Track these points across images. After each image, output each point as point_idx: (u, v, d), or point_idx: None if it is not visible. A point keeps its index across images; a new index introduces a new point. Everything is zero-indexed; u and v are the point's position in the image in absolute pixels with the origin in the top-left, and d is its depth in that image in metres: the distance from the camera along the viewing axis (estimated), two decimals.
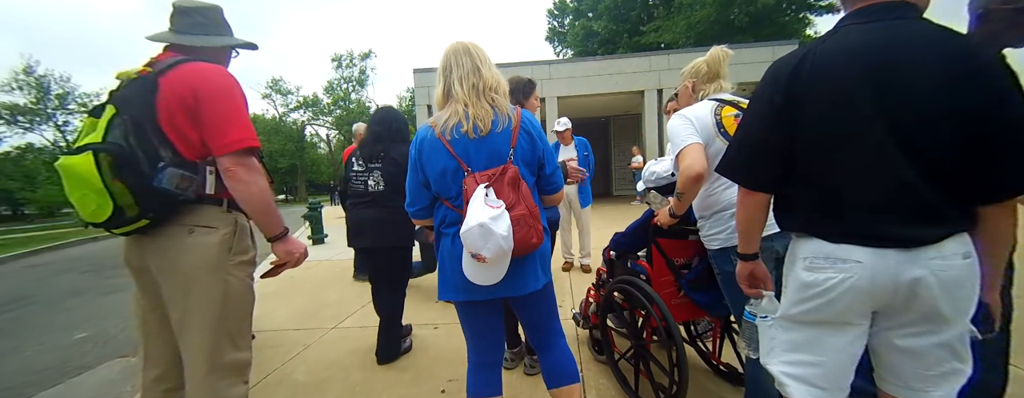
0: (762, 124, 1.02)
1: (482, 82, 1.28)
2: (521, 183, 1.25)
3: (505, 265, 1.21)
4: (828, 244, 0.95)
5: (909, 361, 0.95)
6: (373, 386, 2.23)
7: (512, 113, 1.31)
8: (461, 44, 1.33)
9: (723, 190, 1.50)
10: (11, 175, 22.88)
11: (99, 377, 2.66)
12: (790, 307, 1.04)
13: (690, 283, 1.82)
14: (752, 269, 1.18)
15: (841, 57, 0.92)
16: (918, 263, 0.87)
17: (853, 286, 0.91)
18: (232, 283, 1.29)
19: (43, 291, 5.47)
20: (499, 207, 1.16)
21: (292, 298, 3.93)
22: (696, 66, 1.65)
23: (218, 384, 1.28)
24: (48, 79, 24.27)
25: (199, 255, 1.24)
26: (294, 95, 35.66)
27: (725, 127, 1.48)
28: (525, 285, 1.32)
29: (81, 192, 1.13)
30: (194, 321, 1.25)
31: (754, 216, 1.09)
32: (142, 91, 1.19)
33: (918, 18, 0.93)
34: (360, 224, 2.36)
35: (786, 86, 0.96)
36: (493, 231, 1.11)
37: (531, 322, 1.49)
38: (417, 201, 1.39)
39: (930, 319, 0.90)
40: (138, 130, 1.16)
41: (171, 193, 1.18)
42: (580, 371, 2.22)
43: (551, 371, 1.48)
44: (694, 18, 18.52)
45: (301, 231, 8.43)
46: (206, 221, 1.27)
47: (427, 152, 1.29)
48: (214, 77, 1.24)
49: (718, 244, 1.52)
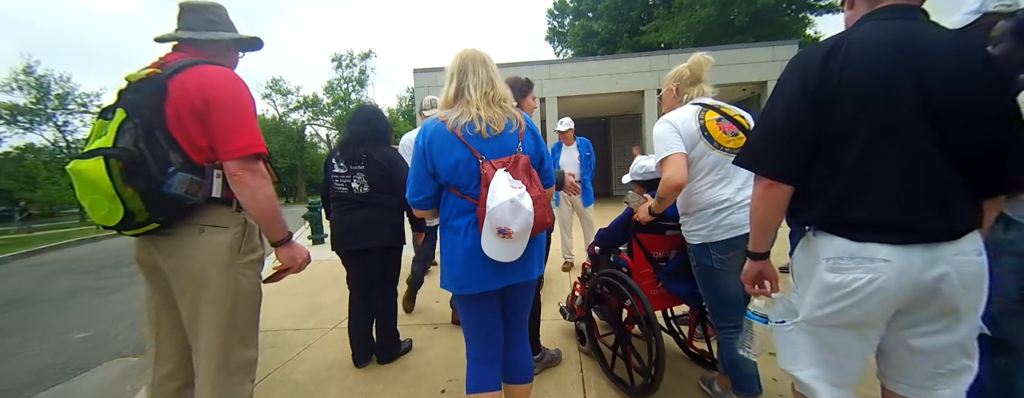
0: (793, 111, 0.97)
1: (495, 92, 1.37)
2: (532, 170, 1.35)
3: (525, 242, 1.30)
4: (853, 244, 0.93)
5: (922, 360, 0.96)
6: (373, 386, 2.23)
7: (520, 117, 1.41)
8: (479, 53, 1.40)
9: (705, 190, 1.58)
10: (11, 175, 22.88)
11: (99, 377, 2.66)
12: (814, 310, 1.00)
13: (668, 275, 1.94)
14: (762, 268, 1.15)
15: (880, 49, 0.91)
16: (942, 260, 0.88)
17: (882, 286, 0.90)
18: (242, 281, 1.30)
19: (43, 291, 5.47)
20: (521, 187, 1.25)
21: (292, 298, 3.93)
22: (679, 71, 1.73)
23: (227, 382, 1.30)
24: (48, 79, 24.21)
25: (210, 254, 1.26)
26: (294, 95, 35.65)
27: (709, 131, 1.56)
28: (532, 271, 1.43)
29: (92, 197, 1.14)
30: (205, 319, 1.27)
31: (775, 210, 1.05)
32: (152, 94, 1.19)
33: (928, 21, 0.95)
34: (351, 226, 2.30)
35: (820, 71, 0.93)
36: (522, 206, 1.20)
37: (514, 315, 1.53)
38: (422, 190, 1.39)
39: (947, 316, 0.91)
40: (148, 135, 1.16)
41: (180, 198, 1.19)
42: (580, 372, 2.25)
43: (515, 367, 1.54)
44: (694, 18, 18.52)
45: (301, 231, 8.43)
46: (217, 221, 1.28)
47: (438, 144, 1.32)
48: (224, 83, 1.25)
49: (698, 240, 1.61)
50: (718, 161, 1.56)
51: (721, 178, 1.56)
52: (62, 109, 24.76)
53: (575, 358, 2.40)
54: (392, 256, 2.43)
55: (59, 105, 24.70)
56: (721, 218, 1.54)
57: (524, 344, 1.56)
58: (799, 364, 1.06)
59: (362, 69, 36.24)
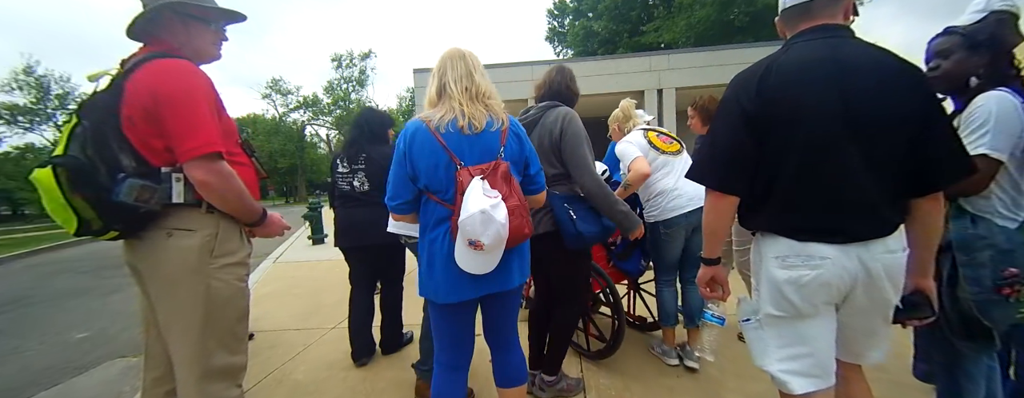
0: (734, 130, 1.08)
1: (475, 87, 1.34)
2: (512, 178, 1.30)
3: (499, 253, 1.25)
4: (797, 243, 1.06)
5: (855, 334, 1.14)
6: (373, 386, 2.23)
7: (504, 117, 1.37)
8: (457, 50, 1.39)
9: (659, 180, 2.21)
10: (11, 175, 22.89)
11: (99, 377, 2.66)
12: (769, 304, 1.12)
13: (618, 256, 2.47)
14: (714, 273, 1.26)
15: (806, 65, 1.02)
16: (873, 256, 1.02)
17: (823, 279, 1.03)
18: (216, 286, 1.23)
19: (43, 291, 5.48)
20: (496, 197, 1.20)
21: (292, 298, 3.93)
22: (616, 115, 2.50)
23: (209, 388, 1.24)
24: (48, 79, 24.25)
25: (178, 258, 1.20)
26: (294, 95, 35.70)
27: (653, 143, 2.25)
28: (512, 279, 1.38)
29: (51, 205, 1.11)
30: (176, 325, 1.22)
31: (724, 219, 1.16)
32: (107, 97, 1.14)
33: (853, 37, 1.06)
34: (355, 223, 2.39)
35: (758, 92, 1.04)
36: (494, 217, 1.15)
37: (497, 321, 1.51)
38: (400, 194, 1.36)
39: (875, 300, 1.08)
40: (98, 140, 1.11)
41: (130, 206, 1.12)
42: (580, 372, 2.25)
43: (506, 371, 1.52)
44: (694, 18, 18.53)
45: (301, 231, 8.43)
46: (184, 224, 1.22)
47: (418, 145, 1.29)
48: (174, 77, 1.15)
49: (653, 219, 2.22)
50: (665, 160, 2.23)
51: (669, 171, 2.22)
52: (62, 109, 24.74)
53: (575, 358, 2.40)
54: (398, 252, 2.50)
55: (59, 105, 24.71)
56: (667, 202, 2.16)
57: (514, 347, 1.53)
58: (768, 359, 1.16)
59: (362, 69, 36.28)
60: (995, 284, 1.20)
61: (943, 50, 1.34)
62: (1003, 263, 1.19)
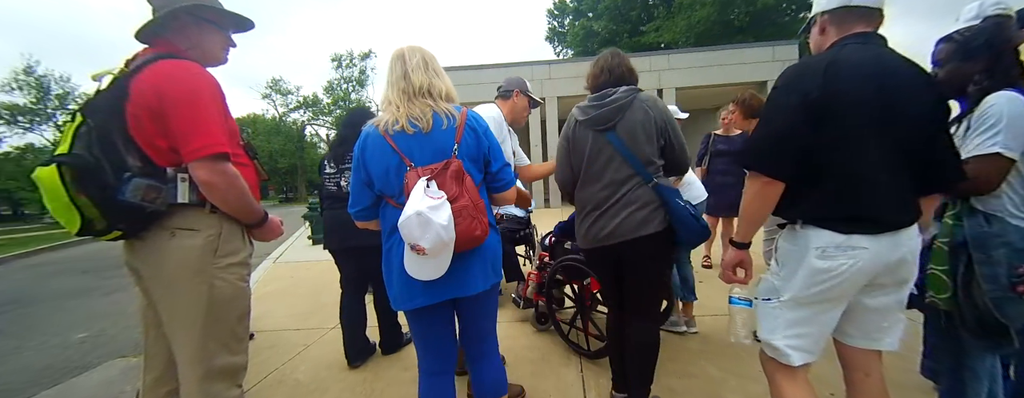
0: (791, 117, 1.11)
1: (409, 85, 1.30)
2: (466, 177, 1.24)
3: (447, 259, 1.19)
4: (839, 235, 1.10)
5: (874, 316, 1.20)
6: (373, 385, 2.23)
7: (457, 113, 1.32)
8: (398, 50, 1.36)
9: None
10: (11, 175, 22.87)
11: (99, 377, 2.66)
12: (802, 291, 1.17)
13: None
14: (743, 257, 1.30)
15: (865, 67, 1.09)
16: (901, 244, 1.11)
17: (860, 268, 1.10)
18: (219, 286, 1.24)
19: (43, 291, 5.48)
20: (440, 198, 1.15)
21: (292, 298, 3.93)
22: None
23: (210, 389, 1.25)
24: (48, 79, 24.18)
25: (181, 258, 1.20)
26: (294, 95, 35.56)
27: None
28: (472, 284, 1.31)
29: (53, 204, 1.11)
30: (180, 325, 1.23)
31: (768, 205, 1.19)
32: (112, 96, 1.14)
33: (886, 44, 1.15)
34: (342, 224, 2.30)
35: (822, 83, 1.08)
36: (431, 220, 1.09)
37: (469, 329, 1.45)
38: (359, 201, 1.35)
39: (898, 283, 1.17)
40: (103, 139, 1.11)
41: (136, 206, 1.12)
42: (580, 372, 2.25)
43: (483, 383, 1.45)
44: (694, 18, 18.54)
45: (301, 231, 8.43)
46: (188, 223, 1.22)
47: (370, 149, 1.28)
48: (179, 77, 1.16)
49: None
50: None
51: None
52: (62, 109, 24.69)
53: (575, 358, 2.40)
54: None
55: (59, 105, 24.66)
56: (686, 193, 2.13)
57: (489, 356, 1.47)
58: (776, 335, 1.22)
59: (362, 69, 36.20)
60: (1011, 282, 1.22)
61: (941, 59, 1.39)
62: (1018, 261, 1.22)
